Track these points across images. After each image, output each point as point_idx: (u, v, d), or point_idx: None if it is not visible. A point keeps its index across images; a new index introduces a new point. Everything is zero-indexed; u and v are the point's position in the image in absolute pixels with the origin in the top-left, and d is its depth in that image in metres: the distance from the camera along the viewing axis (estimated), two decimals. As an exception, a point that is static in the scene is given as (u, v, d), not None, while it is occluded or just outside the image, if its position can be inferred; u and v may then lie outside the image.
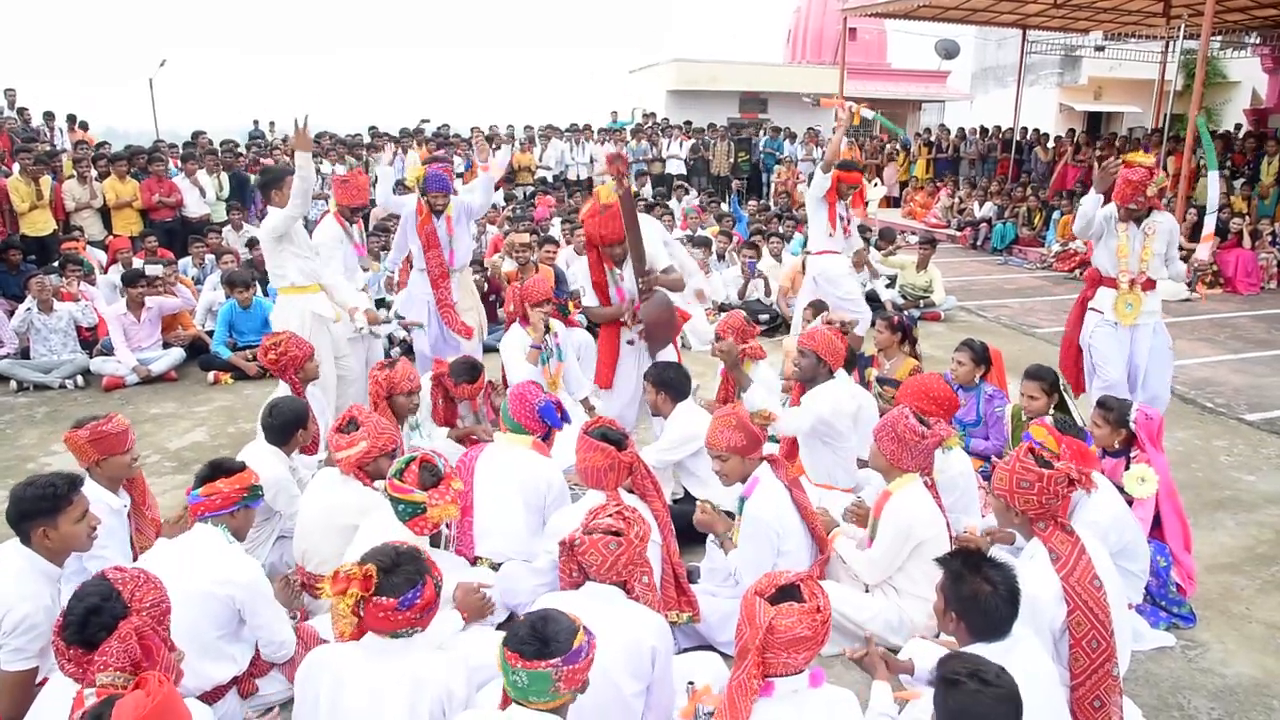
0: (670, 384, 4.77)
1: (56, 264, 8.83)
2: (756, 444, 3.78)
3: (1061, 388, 4.76)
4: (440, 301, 6.30)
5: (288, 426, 4.16)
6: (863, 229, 11.91)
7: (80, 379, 7.48)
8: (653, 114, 20.81)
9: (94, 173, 10.94)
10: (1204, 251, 5.47)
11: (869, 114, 7.71)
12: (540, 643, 2.26)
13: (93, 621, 2.36)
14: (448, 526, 4.10)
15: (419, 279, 6.39)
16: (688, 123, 19.36)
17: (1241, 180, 13.59)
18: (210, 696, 3.08)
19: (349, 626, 2.53)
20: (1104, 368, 5.59)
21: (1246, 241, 11.72)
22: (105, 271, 9.28)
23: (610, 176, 4.84)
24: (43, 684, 2.84)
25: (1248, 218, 12.20)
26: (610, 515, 2.92)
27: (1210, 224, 5.72)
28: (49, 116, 14.33)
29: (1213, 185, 5.81)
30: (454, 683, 2.57)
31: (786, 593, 2.47)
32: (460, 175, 14.74)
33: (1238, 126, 17.36)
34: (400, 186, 13.20)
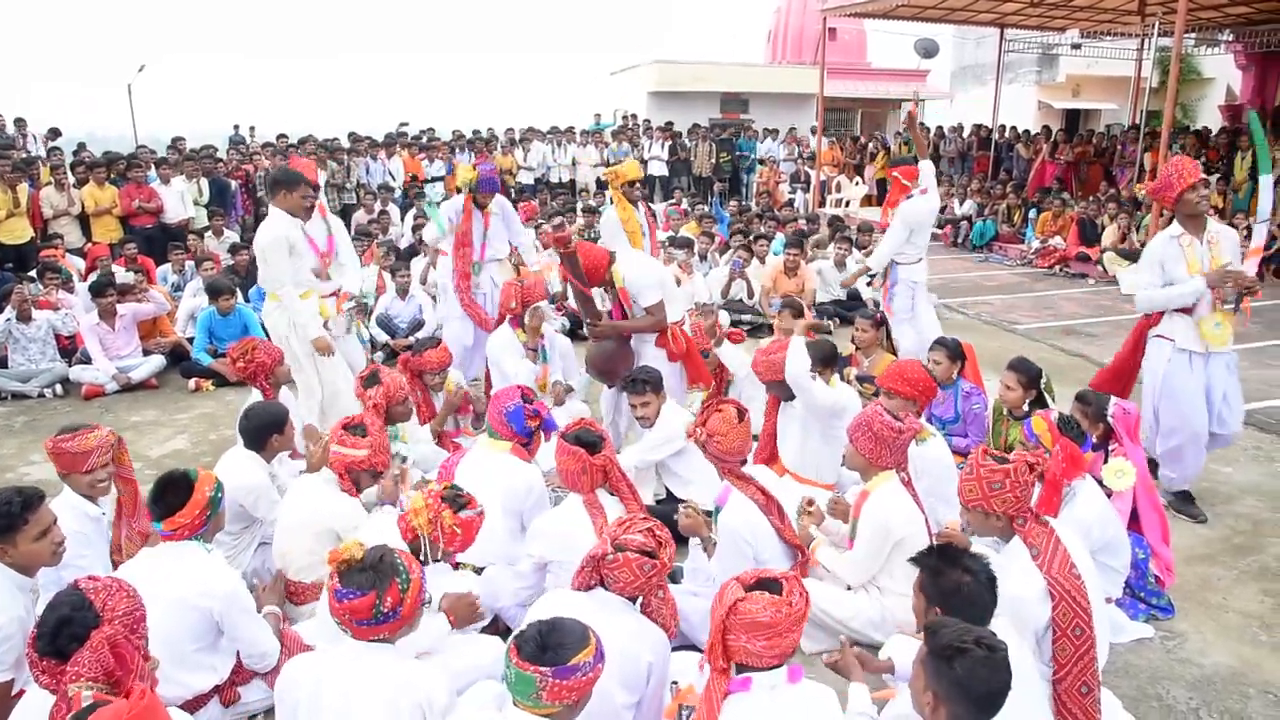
0: (656, 383, 4.78)
1: (34, 272, 8.77)
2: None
3: (1043, 386, 4.77)
4: (461, 297, 6.56)
5: (263, 430, 4.14)
6: (841, 226, 12.00)
7: (60, 387, 7.42)
8: (634, 115, 20.83)
9: (72, 179, 10.86)
10: (1250, 266, 4.80)
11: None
12: (538, 647, 2.25)
13: (64, 632, 2.33)
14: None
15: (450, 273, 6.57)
16: (669, 124, 19.38)
17: (1216, 175, 13.73)
18: (191, 706, 3.06)
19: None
20: (1188, 415, 4.83)
21: (1223, 236, 11.83)
22: (85, 279, 9.21)
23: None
24: (20, 696, 2.82)
25: (1223, 212, 12.32)
26: (642, 532, 2.87)
27: (1260, 235, 4.94)
28: (20, 123, 14.21)
29: (1265, 191, 4.97)
30: (434, 690, 2.55)
31: (766, 584, 2.49)
32: (441, 179, 14.77)
33: (1227, 131, 17.52)
34: (386, 191, 13.24)
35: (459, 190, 6.67)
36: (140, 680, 2.32)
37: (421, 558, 3.21)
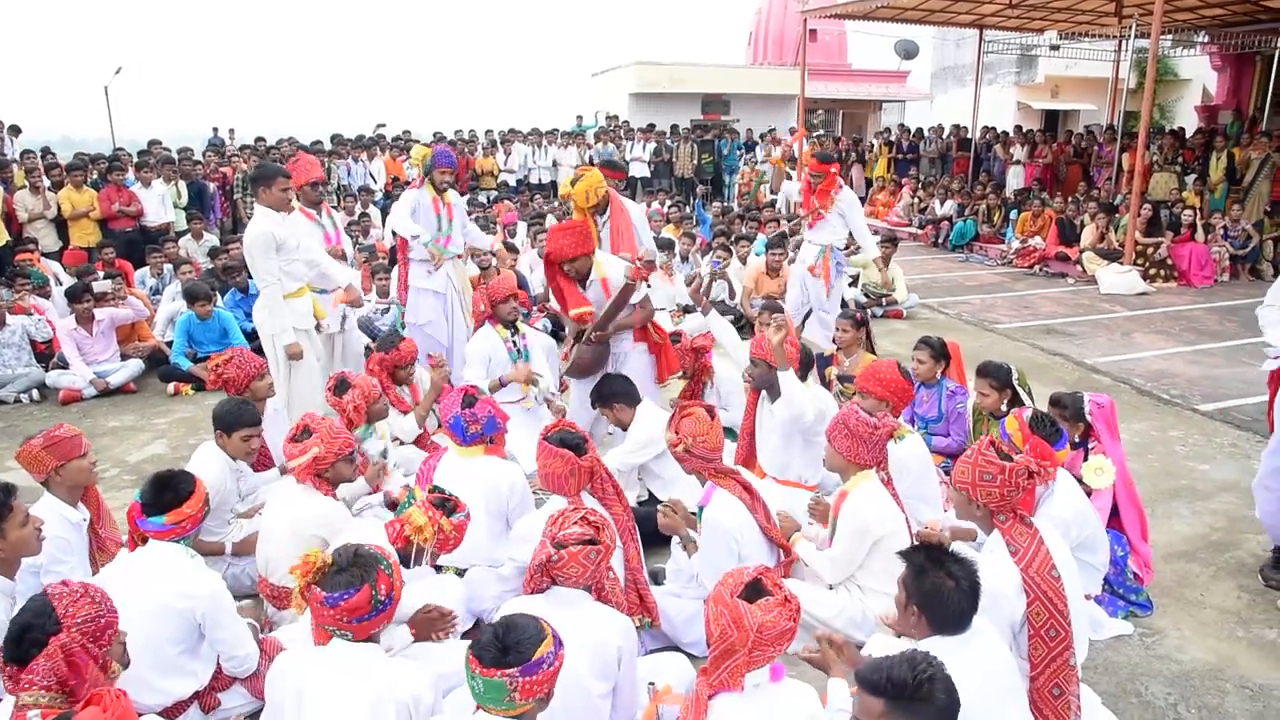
0: (618, 395, 4.80)
1: (5, 277, 8.66)
2: None
3: (1016, 383, 4.80)
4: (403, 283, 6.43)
5: (215, 421, 4.13)
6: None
7: (36, 393, 7.34)
8: (615, 116, 20.82)
9: (47, 182, 10.72)
10: None
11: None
12: (500, 651, 2.26)
13: (26, 639, 2.36)
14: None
15: (418, 271, 6.34)
16: (651, 125, 19.37)
17: (1193, 176, 13.87)
18: (171, 712, 3.05)
19: (300, 609, 2.65)
20: None
21: (1200, 235, 11.95)
22: (61, 284, 9.10)
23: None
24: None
25: (1200, 212, 12.45)
26: (576, 523, 2.90)
27: None
28: (-1, 126, 14.04)
29: None
30: (420, 690, 2.56)
31: (754, 589, 2.49)
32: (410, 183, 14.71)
33: (1203, 131, 17.68)
34: (367, 193, 13.18)
35: (425, 175, 6.34)
36: (94, 690, 2.32)
37: (410, 564, 3.22)
